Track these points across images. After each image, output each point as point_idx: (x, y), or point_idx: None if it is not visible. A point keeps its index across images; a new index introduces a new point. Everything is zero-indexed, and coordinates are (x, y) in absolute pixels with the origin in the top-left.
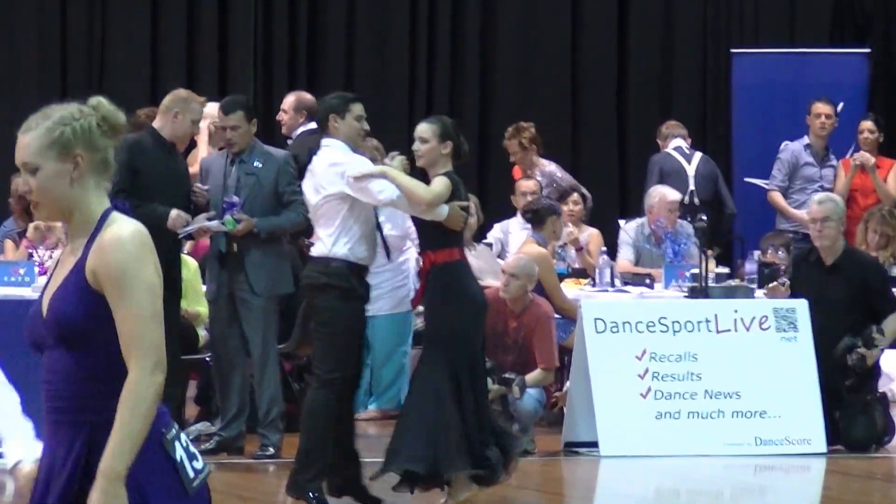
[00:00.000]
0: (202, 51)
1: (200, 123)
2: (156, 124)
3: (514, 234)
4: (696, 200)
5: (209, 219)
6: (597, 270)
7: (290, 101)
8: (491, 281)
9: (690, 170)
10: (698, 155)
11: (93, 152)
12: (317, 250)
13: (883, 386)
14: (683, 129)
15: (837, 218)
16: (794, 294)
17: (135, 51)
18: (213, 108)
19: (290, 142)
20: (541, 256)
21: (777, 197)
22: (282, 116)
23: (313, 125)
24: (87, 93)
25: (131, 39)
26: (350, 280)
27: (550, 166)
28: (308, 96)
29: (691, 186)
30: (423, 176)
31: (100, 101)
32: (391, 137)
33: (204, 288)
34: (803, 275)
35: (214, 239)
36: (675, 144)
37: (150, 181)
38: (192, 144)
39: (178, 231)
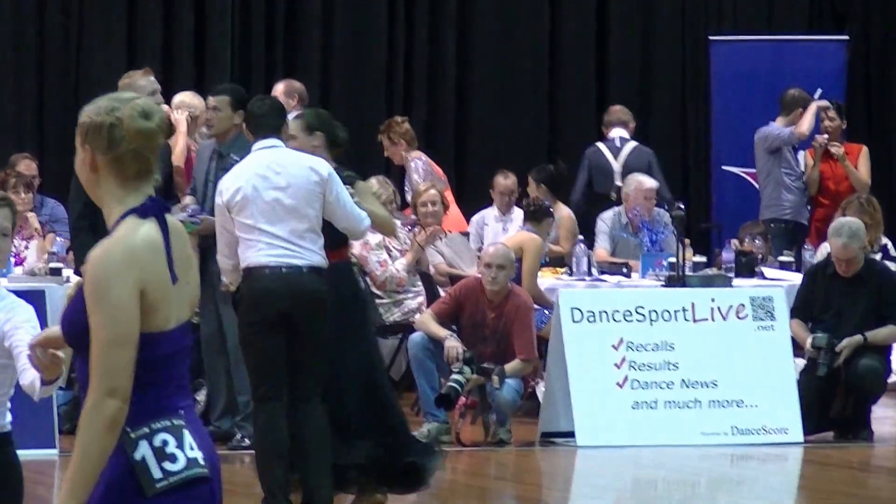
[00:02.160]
0: (179, 39)
1: (177, 114)
2: None
3: (490, 225)
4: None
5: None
6: (574, 259)
7: (280, 88)
8: (466, 269)
9: (617, 165)
10: (630, 146)
11: (104, 152)
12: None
13: None
14: (627, 115)
15: (859, 241)
16: (805, 308)
17: (111, 39)
18: (188, 98)
19: None
20: (534, 240)
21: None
22: None
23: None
24: (63, 80)
25: (108, 28)
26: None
27: (419, 160)
28: (298, 83)
29: (617, 182)
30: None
31: (131, 103)
32: (369, 124)
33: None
34: (821, 288)
35: None
36: (617, 134)
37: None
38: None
39: None
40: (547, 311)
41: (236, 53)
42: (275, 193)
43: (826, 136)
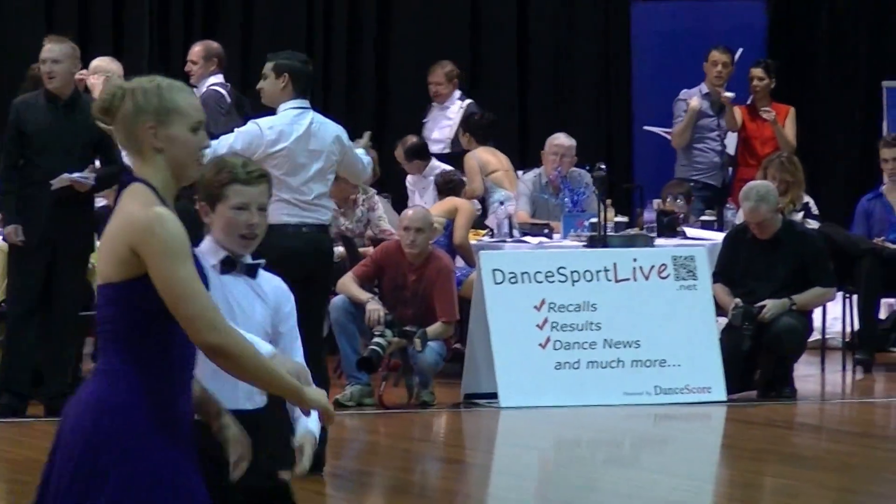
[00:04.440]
0: (96, 5)
1: (93, 78)
2: None
3: (409, 188)
4: None
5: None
6: (494, 221)
7: (196, 50)
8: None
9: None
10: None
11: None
12: (326, 216)
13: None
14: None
15: (768, 204)
16: (727, 271)
17: (29, 6)
18: (105, 63)
19: (197, 91)
20: (467, 203)
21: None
22: (190, 67)
23: (221, 77)
24: None
25: None
26: None
27: None
28: (216, 44)
29: None
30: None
31: (138, 81)
32: None
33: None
34: (741, 252)
35: None
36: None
37: (37, 140)
38: None
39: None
40: (467, 270)
41: (155, 19)
42: (309, 156)
43: (731, 94)
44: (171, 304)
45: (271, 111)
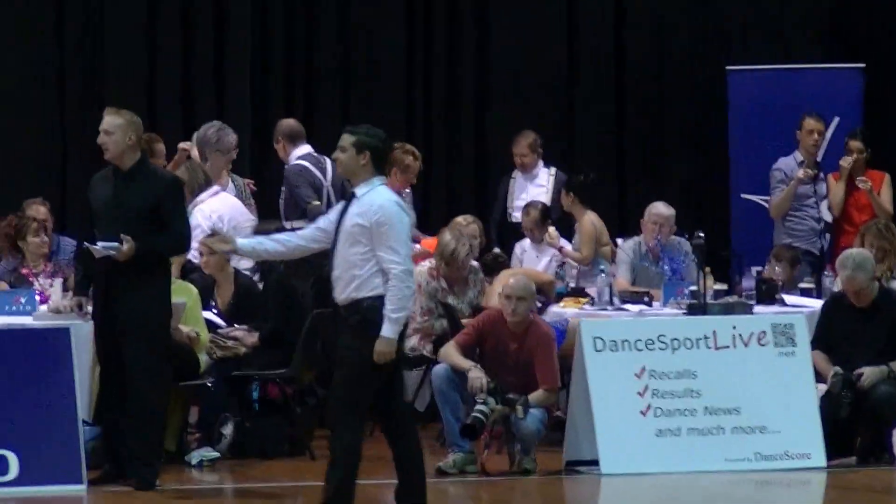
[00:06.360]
0: (198, 78)
1: (196, 150)
2: None
3: (528, 251)
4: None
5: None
6: (595, 291)
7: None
8: None
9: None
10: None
11: None
12: None
13: None
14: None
15: (865, 272)
16: (825, 338)
17: (132, 78)
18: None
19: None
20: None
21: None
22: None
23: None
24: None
25: (128, 67)
26: None
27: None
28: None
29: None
30: None
31: None
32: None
33: (205, 314)
34: (839, 319)
35: None
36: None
37: (99, 212)
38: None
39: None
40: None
41: (256, 86)
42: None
43: (851, 157)
44: None
45: None
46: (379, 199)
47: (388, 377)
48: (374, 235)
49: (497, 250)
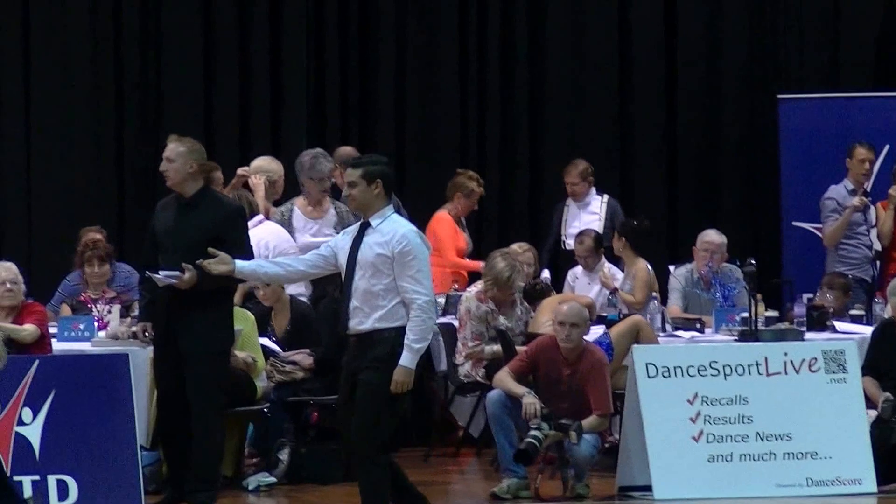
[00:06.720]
0: (255, 106)
1: (255, 178)
2: None
3: (580, 278)
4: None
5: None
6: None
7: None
8: None
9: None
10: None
11: None
12: None
13: None
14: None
15: None
16: (876, 365)
17: (189, 106)
18: (266, 163)
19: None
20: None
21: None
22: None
23: None
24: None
25: (185, 95)
26: None
27: None
28: (342, 151)
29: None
30: None
31: None
32: (440, 192)
33: (262, 340)
34: (889, 346)
35: None
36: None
37: (162, 240)
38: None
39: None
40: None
41: (312, 114)
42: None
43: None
44: None
45: None
46: (400, 228)
47: (404, 407)
48: (396, 265)
49: (545, 275)
